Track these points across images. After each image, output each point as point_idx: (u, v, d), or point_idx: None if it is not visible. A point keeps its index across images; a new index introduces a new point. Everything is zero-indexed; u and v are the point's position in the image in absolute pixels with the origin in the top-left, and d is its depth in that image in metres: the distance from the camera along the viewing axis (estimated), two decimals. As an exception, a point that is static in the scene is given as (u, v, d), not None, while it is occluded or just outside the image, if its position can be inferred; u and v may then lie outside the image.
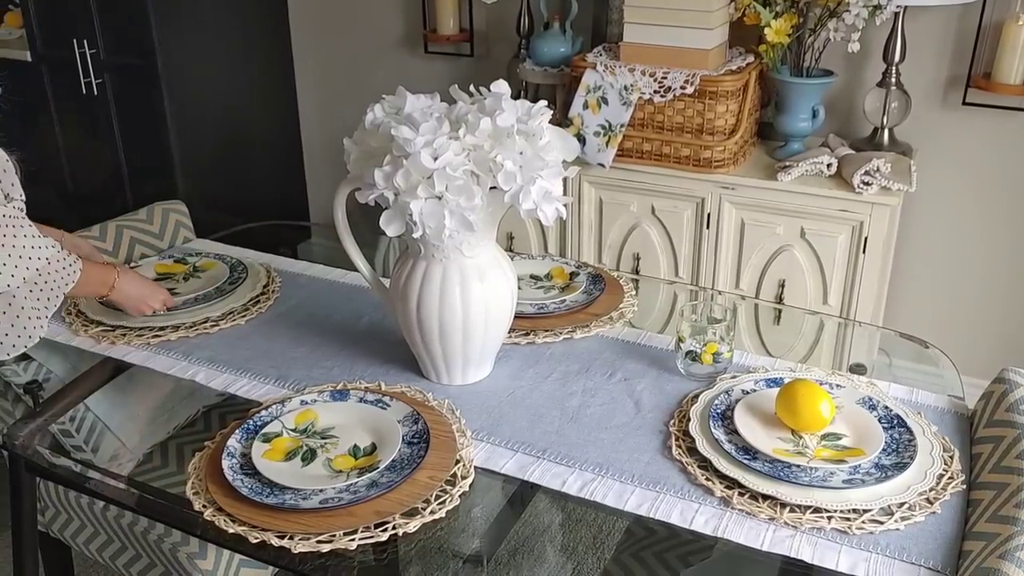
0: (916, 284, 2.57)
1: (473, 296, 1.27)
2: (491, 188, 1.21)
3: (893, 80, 2.28)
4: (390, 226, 1.20)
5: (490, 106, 1.21)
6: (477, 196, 1.17)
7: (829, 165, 2.20)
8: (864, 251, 2.18)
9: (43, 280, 1.35)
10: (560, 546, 1.44)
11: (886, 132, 2.33)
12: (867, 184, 2.11)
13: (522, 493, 1.24)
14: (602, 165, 2.32)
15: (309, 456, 1.17)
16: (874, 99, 2.32)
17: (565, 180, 1.27)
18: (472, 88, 1.29)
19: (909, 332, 1.63)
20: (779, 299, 2.29)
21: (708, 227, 2.31)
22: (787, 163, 2.23)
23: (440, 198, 1.17)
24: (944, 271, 2.53)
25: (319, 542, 1.04)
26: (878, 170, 2.11)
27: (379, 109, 1.25)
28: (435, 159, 1.15)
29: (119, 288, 1.49)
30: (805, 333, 1.70)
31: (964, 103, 2.33)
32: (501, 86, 1.25)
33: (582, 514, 1.41)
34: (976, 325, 2.53)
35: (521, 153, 1.19)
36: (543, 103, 1.25)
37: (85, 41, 2.87)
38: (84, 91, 2.93)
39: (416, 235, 1.19)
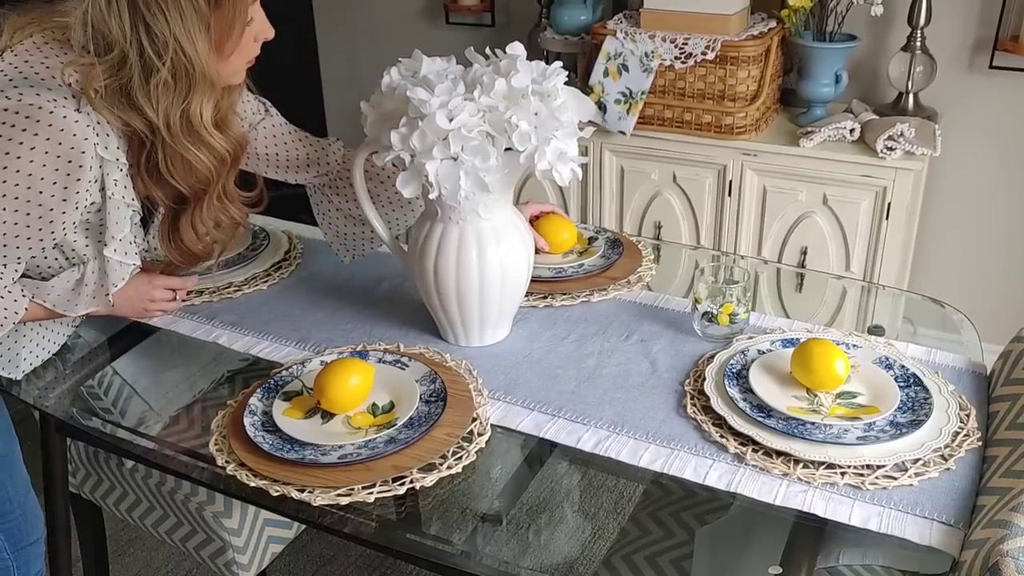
0: (941, 251, 2.55)
1: (489, 258, 1.28)
2: (506, 149, 1.22)
3: (918, 44, 2.25)
4: (407, 187, 1.21)
5: (505, 67, 1.22)
6: (492, 157, 1.18)
7: (852, 130, 2.18)
8: (887, 217, 2.16)
9: None
10: (578, 507, 1.46)
11: (911, 97, 2.30)
12: (891, 149, 2.09)
13: (540, 455, 1.26)
14: (623, 133, 2.31)
15: (328, 413, 1.19)
16: (899, 64, 2.29)
17: (585, 145, 1.27)
18: (488, 51, 1.29)
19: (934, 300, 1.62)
20: (801, 267, 2.28)
21: (730, 194, 2.31)
22: (809, 129, 2.21)
23: (456, 159, 1.18)
24: (970, 238, 2.50)
25: (338, 495, 1.06)
26: (902, 135, 2.09)
27: (395, 72, 1.26)
28: (450, 120, 1.16)
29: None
30: (828, 299, 1.69)
31: (991, 66, 2.29)
32: (517, 48, 1.26)
33: (603, 479, 1.42)
34: (1002, 292, 2.50)
35: (536, 114, 1.19)
36: (558, 64, 1.25)
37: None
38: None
39: (432, 196, 1.20)
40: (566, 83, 1.26)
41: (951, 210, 2.49)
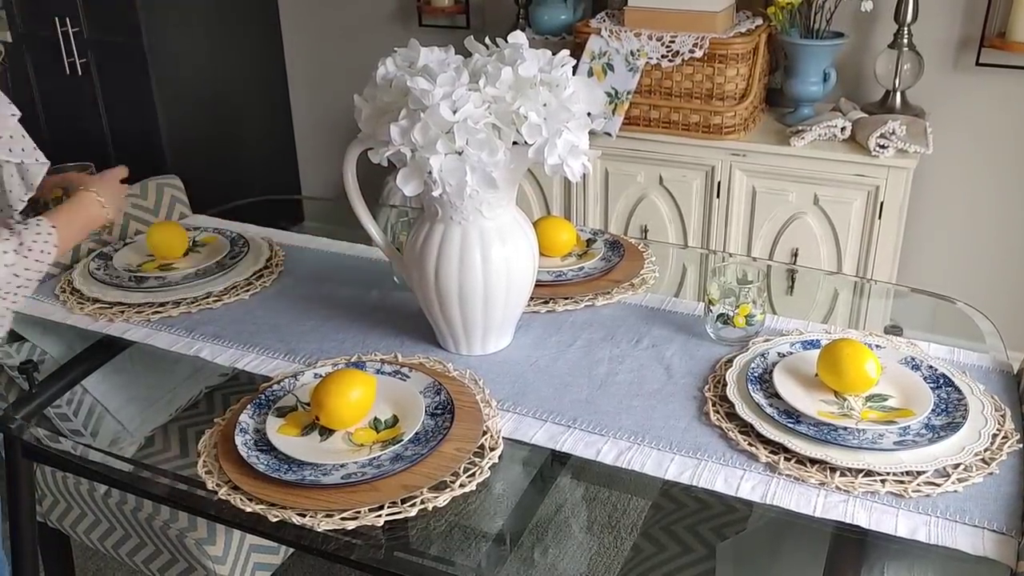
0: (928, 250, 2.52)
1: (494, 259, 1.21)
2: (512, 144, 1.14)
3: (905, 41, 2.22)
4: (408, 185, 1.13)
5: (510, 56, 1.14)
6: (500, 151, 1.10)
7: (843, 129, 2.14)
8: (880, 216, 2.12)
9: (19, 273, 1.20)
10: (585, 523, 1.38)
11: (898, 95, 2.27)
12: (883, 147, 2.05)
13: (542, 472, 1.18)
14: (608, 135, 2.25)
15: (327, 430, 1.10)
16: (885, 61, 2.25)
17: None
18: (487, 40, 1.22)
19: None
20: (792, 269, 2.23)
21: (718, 196, 2.25)
22: (800, 128, 2.16)
23: (461, 153, 1.10)
24: (956, 237, 2.48)
25: (343, 519, 0.98)
26: (894, 132, 2.05)
27: (391, 63, 1.18)
28: (454, 112, 1.08)
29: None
30: (829, 301, 1.64)
31: (978, 63, 2.27)
32: (519, 36, 1.18)
33: (607, 494, 1.34)
34: (990, 289, 2.48)
35: (545, 105, 1.12)
36: (565, 52, 1.18)
37: (68, 19, 2.77)
38: (68, 71, 2.84)
39: (436, 193, 1.12)
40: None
41: (938, 209, 2.47)
